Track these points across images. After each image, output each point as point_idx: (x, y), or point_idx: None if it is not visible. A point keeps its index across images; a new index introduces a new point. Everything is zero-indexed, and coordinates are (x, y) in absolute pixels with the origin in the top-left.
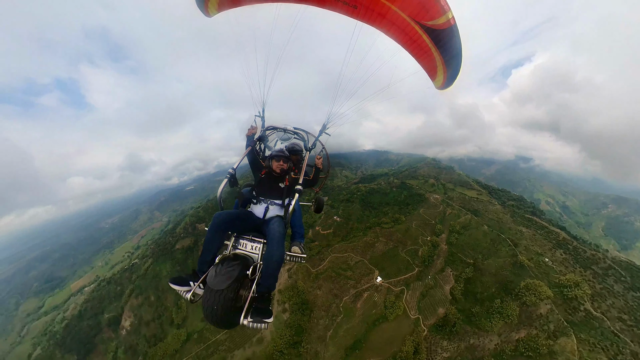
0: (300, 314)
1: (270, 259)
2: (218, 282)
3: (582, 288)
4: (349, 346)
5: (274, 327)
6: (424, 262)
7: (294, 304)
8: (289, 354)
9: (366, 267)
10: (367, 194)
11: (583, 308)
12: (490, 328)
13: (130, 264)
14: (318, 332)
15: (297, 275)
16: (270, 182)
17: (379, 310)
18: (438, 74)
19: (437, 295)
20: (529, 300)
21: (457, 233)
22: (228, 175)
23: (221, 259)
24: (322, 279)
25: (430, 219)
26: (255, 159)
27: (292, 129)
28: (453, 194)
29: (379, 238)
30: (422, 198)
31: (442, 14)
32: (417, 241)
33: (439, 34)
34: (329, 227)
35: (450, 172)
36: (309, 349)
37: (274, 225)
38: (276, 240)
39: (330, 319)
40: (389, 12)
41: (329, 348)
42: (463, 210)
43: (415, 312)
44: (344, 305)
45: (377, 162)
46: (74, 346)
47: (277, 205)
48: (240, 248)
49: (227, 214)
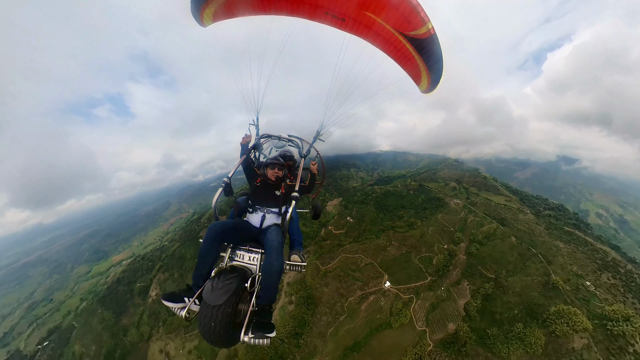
0: (305, 307)
1: (270, 270)
2: (215, 296)
3: (633, 324)
4: (348, 346)
5: (279, 315)
6: (438, 271)
7: (300, 298)
8: (289, 343)
9: (376, 270)
10: (382, 196)
11: (632, 350)
12: (507, 355)
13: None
14: (319, 327)
15: (306, 271)
16: (266, 190)
17: (384, 315)
18: (422, 78)
19: (448, 308)
20: (559, 329)
21: (479, 243)
22: (223, 184)
23: (217, 272)
24: (330, 277)
25: (448, 226)
26: (250, 167)
27: (286, 137)
28: (477, 199)
29: (392, 242)
30: (441, 202)
31: (423, 24)
32: (432, 248)
33: (421, 42)
34: (341, 227)
35: (474, 175)
36: (309, 342)
37: (271, 235)
38: (275, 249)
39: (333, 317)
40: (374, 24)
41: (328, 345)
42: (487, 218)
43: (423, 324)
44: (348, 305)
45: (395, 163)
46: (111, 305)
47: (274, 213)
48: (237, 259)
49: (223, 224)
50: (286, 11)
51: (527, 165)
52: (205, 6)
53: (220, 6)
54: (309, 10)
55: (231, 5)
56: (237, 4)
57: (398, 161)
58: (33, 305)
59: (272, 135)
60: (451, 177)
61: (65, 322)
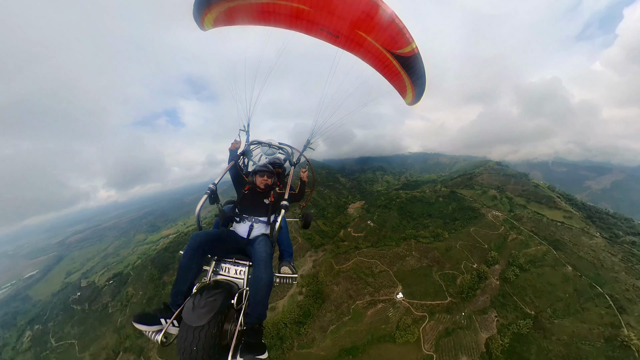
0: (312, 300)
1: (259, 284)
2: (196, 316)
3: None
4: (345, 348)
5: (287, 302)
6: (462, 293)
7: (310, 291)
8: (290, 329)
9: (390, 278)
10: (407, 202)
11: None
12: None
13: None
14: (322, 322)
15: (320, 267)
16: (254, 198)
17: (389, 327)
18: (408, 92)
19: (466, 339)
20: None
21: (520, 268)
22: (208, 191)
23: (199, 288)
24: (342, 277)
25: (482, 242)
26: (238, 174)
27: (276, 144)
28: (523, 212)
29: (412, 252)
30: (476, 213)
31: (408, 44)
32: (458, 266)
33: (406, 60)
34: (361, 230)
35: (521, 182)
36: (309, 333)
37: (259, 246)
38: (263, 261)
39: (337, 315)
40: (365, 42)
41: (327, 340)
42: (536, 237)
43: (430, 347)
44: (355, 307)
45: (425, 166)
46: (157, 265)
47: (262, 222)
48: (222, 273)
49: (206, 234)
50: (284, 24)
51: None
52: (207, 12)
53: (221, 13)
54: (306, 25)
55: (233, 13)
56: (238, 13)
57: (429, 164)
58: (106, 256)
59: (262, 142)
60: (491, 183)
61: (125, 270)
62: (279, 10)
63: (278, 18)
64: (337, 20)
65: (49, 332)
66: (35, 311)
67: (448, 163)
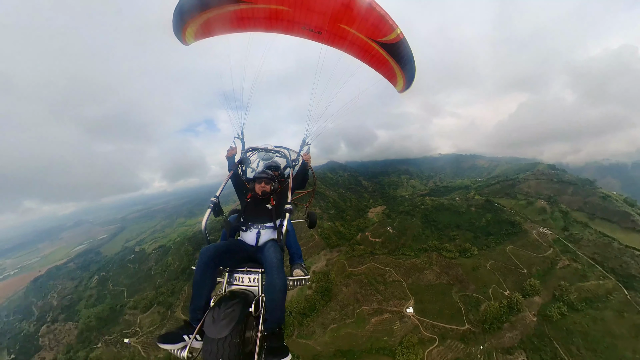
0: (320, 296)
1: (273, 289)
2: (218, 328)
3: None
4: (342, 349)
5: (296, 293)
6: (484, 323)
7: (319, 287)
8: (294, 318)
9: (402, 290)
10: (432, 210)
11: None
12: None
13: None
14: (324, 319)
15: (333, 267)
16: (256, 205)
17: (392, 341)
18: (398, 79)
19: None
20: None
21: (570, 306)
22: (211, 205)
23: (216, 301)
24: (353, 280)
25: (520, 265)
26: (239, 183)
27: (272, 148)
28: (583, 232)
29: (432, 266)
30: (517, 229)
31: (392, 31)
32: (485, 289)
33: (392, 47)
34: (379, 235)
35: (583, 191)
36: (310, 326)
37: (269, 252)
38: (275, 267)
39: (340, 316)
40: (349, 34)
41: (325, 337)
42: (598, 268)
43: None
44: (360, 312)
45: (458, 170)
46: (192, 243)
47: (269, 228)
48: (236, 284)
49: (215, 247)
50: (264, 28)
51: None
52: (186, 26)
53: (200, 26)
54: (287, 25)
55: (211, 24)
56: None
57: (462, 167)
58: (154, 232)
59: (258, 147)
60: (540, 192)
61: (167, 244)
62: (257, 15)
63: (257, 22)
64: (317, 16)
65: (109, 278)
66: (102, 262)
67: (487, 166)
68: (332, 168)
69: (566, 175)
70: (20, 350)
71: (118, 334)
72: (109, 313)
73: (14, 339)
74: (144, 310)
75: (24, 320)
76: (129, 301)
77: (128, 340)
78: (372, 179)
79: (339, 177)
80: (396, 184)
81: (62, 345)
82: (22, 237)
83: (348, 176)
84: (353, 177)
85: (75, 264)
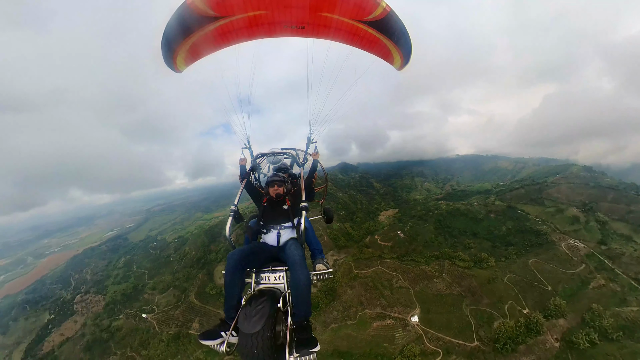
0: (324, 295)
1: (298, 285)
2: (251, 324)
3: None
4: (340, 350)
5: None
6: (496, 341)
7: (324, 286)
8: None
9: (408, 297)
10: (447, 215)
11: None
12: None
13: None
14: (326, 318)
15: (339, 268)
16: (273, 208)
17: (392, 349)
18: (394, 56)
19: None
20: None
21: (602, 333)
22: (231, 213)
23: (247, 299)
24: (358, 282)
25: (544, 281)
26: (253, 189)
27: (279, 151)
28: (625, 247)
29: (443, 275)
30: (542, 240)
31: (377, 6)
32: (500, 305)
33: (380, 23)
34: (389, 239)
35: (627, 198)
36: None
37: (290, 249)
38: (298, 264)
39: (342, 316)
40: (332, 21)
41: (325, 335)
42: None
43: None
44: (362, 315)
45: (477, 172)
46: (208, 236)
47: (288, 228)
48: (263, 282)
49: (241, 251)
50: (247, 36)
51: None
52: (175, 55)
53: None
54: (268, 28)
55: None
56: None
57: (483, 170)
58: (174, 224)
59: (266, 153)
60: (572, 198)
61: (185, 235)
62: (237, 26)
63: (239, 33)
64: (296, 10)
65: (134, 261)
66: (128, 247)
67: (511, 168)
68: (343, 169)
69: (605, 179)
70: (58, 313)
71: (138, 309)
72: (131, 291)
73: (55, 303)
74: (162, 291)
75: (63, 289)
76: (149, 282)
77: (146, 315)
78: (384, 181)
79: (350, 178)
80: (409, 186)
81: (91, 313)
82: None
83: (359, 177)
84: (364, 179)
85: (107, 246)
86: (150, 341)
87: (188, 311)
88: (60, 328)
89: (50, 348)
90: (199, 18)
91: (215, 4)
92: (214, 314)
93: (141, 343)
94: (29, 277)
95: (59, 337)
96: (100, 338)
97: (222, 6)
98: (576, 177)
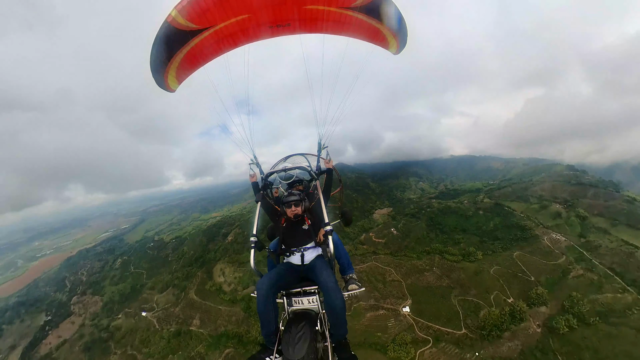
0: None
1: (335, 309)
2: (296, 351)
3: None
4: None
5: None
6: (482, 329)
7: None
8: None
9: (401, 290)
10: (438, 213)
11: None
12: None
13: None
14: None
15: None
16: (293, 229)
17: (385, 337)
18: (389, 40)
19: None
20: None
21: (581, 319)
22: (252, 245)
23: (285, 325)
24: None
25: (528, 272)
26: (270, 208)
27: (290, 166)
28: (602, 239)
29: (433, 268)
30: (526, 234)
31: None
32: (486, 295)
33: (369, 7)
34: (382, 236)
35: (606, 194)
36: None
37: (320, 272)
38: (332, 289)
39: None
40: (319, 13)
41: None
42: (617, 279)
43: None
44: (357, 307)
45: (471, 172)
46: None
47: (311, 248)
48: (296, 305)
49: (268, 278)
50: (232, 45)
51: None
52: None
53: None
54: (254, 32)
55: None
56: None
57: (476, 169)
58: (171, 224)
59: (277, 170)
60: (555, 195)
61: (183, 235)
62: (221, 35)
63: (225, 42)
64: (279, 8)
65: (131, 262)
66: (125, 248)
67: (502, 168)
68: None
69: (586, 177)
70: (55, 314)
71: (137, 308)
72: (130, 291)
73: (50, 305)
74: (161, 290)
75: (58, 291)
76: (148, 282)
77: (145, 313)
78: (380, 181)
79: (347, 178)
80: (404, 186)
81: (89, 314)
82: (57, 222)
83: (356, 178)
84: (361, 179)
85: (102, 248)
86: (150, 339)
87: (188, 308)
88: (57, 329)
89: (48, 350)
90: (182, 33)
91: (197, 17)
92: (215, 310)
93: (142, 341)
94: (21, 280)
95: (56, 338)
96: (99, 338)
97: (203, 18)
98: (559, 176)
